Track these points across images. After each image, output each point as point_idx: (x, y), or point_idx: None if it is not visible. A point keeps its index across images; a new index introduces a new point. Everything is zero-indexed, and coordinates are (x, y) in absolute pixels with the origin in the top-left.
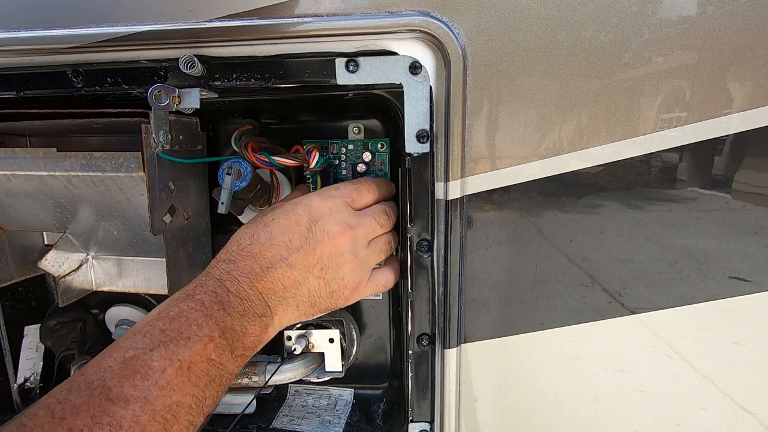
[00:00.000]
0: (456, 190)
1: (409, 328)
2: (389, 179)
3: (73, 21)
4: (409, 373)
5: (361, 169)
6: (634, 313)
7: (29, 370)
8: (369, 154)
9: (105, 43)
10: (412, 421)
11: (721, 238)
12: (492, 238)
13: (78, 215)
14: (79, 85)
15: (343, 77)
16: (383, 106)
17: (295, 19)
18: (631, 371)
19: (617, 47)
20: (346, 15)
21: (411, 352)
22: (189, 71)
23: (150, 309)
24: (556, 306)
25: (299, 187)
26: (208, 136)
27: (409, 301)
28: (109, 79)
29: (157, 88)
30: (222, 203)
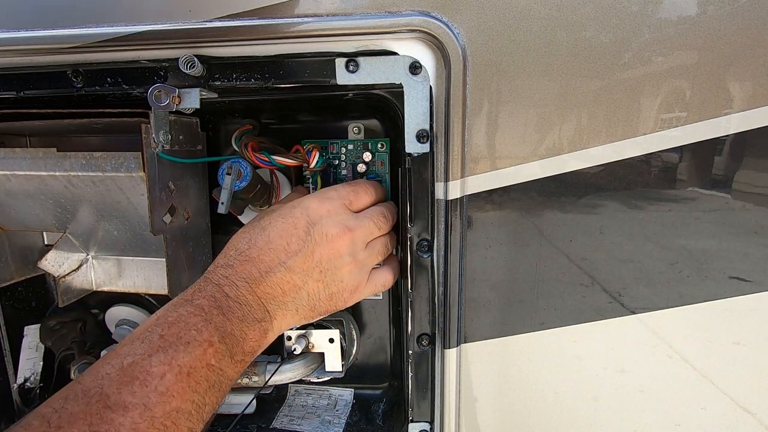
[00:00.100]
0: (456, 190)
1: (409, 328)
2: (389, 179)
3: (73, 21)
4: (409, 373)
5: (361, 169)
6: (634, 313)
7: (29, 370)
8: (369, 154)
9: (105, 43)
10: (412, 421)
11: (721, 238)
12: (492, 238)
13: (78, 215)
14: (79, 85)
15: (343, 77)
16: (383, 106)
17: (295, 19)
18: (631, 371)
19: (617, 47)
20: (346, 15)
21: (411, 352)
22: (189, 71)
23: (150, 309)
24: (556, 306)
25: (297, 189)
26: (208, 136)
27: (409, 301)
28: (109, 79)
29: (157, 88)
30: (222, 203)
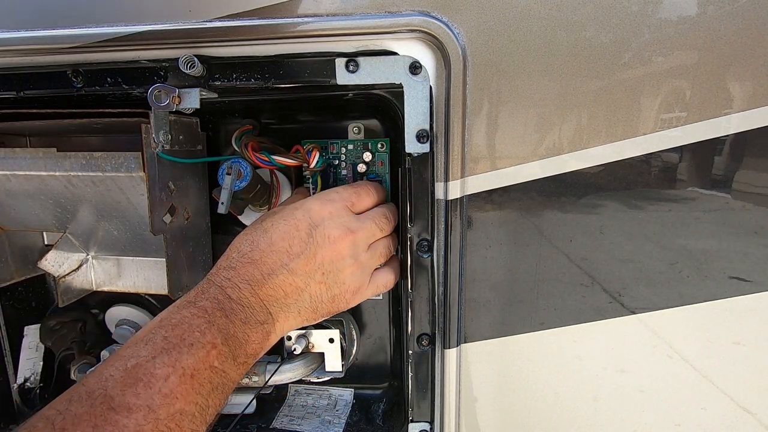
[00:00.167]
0: (456, 190)
1: (409, 328)
2: (389, 179)
3: (73, 21)
4: (409, 373)
5: (362, 169)
6: (634, 313)
7: (29, 370)
8: (369, 154)
9: (105, 43)
10: (412, 421)
11: (721, 238)
12: (492, 238)
13: (78, 215)
14: (79, 85)
15: (343, 77)
16: (383, 106)
17: (295, 19)
18: (631, 371)
19: (617, 47)
20: (346, 15)
21: (411, 352)
22: (189, 71)
23: (150, 309)
24: (556, 306)
25: (298, 191)
26: (208, 136)
27: (409, 301)
28: (109, 79)
29: (157, 88)
30: (222, 203)
